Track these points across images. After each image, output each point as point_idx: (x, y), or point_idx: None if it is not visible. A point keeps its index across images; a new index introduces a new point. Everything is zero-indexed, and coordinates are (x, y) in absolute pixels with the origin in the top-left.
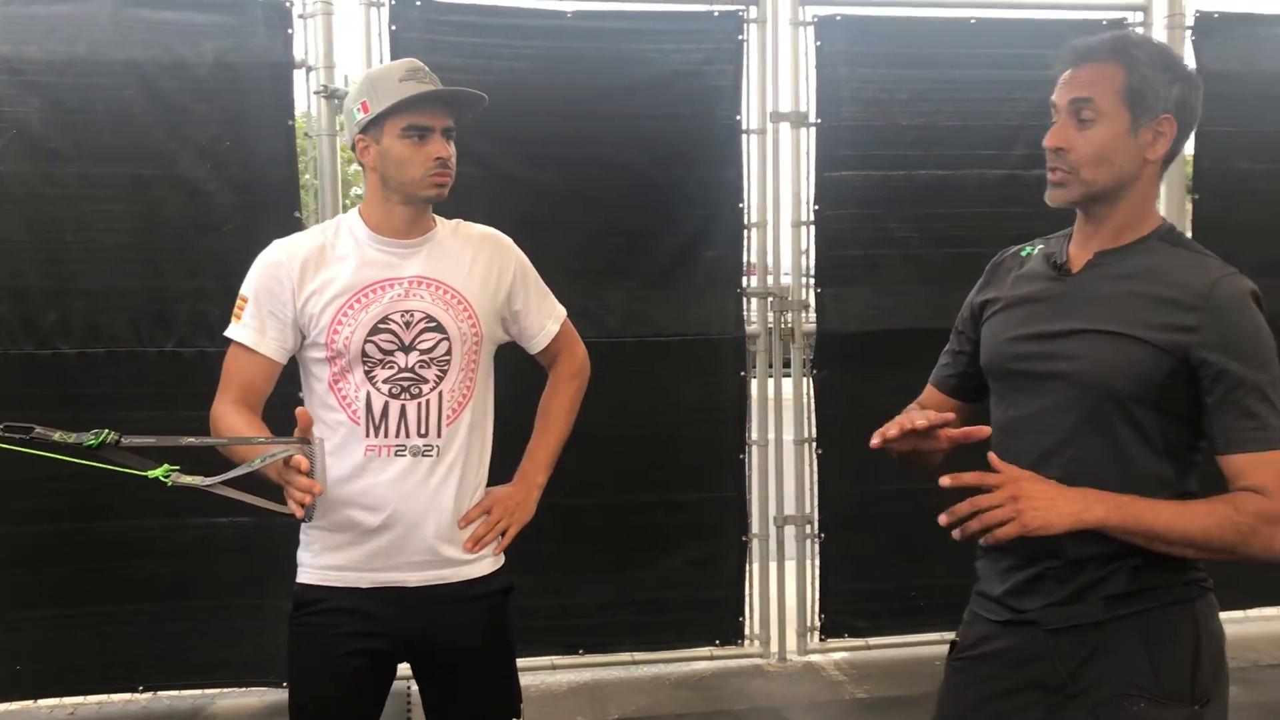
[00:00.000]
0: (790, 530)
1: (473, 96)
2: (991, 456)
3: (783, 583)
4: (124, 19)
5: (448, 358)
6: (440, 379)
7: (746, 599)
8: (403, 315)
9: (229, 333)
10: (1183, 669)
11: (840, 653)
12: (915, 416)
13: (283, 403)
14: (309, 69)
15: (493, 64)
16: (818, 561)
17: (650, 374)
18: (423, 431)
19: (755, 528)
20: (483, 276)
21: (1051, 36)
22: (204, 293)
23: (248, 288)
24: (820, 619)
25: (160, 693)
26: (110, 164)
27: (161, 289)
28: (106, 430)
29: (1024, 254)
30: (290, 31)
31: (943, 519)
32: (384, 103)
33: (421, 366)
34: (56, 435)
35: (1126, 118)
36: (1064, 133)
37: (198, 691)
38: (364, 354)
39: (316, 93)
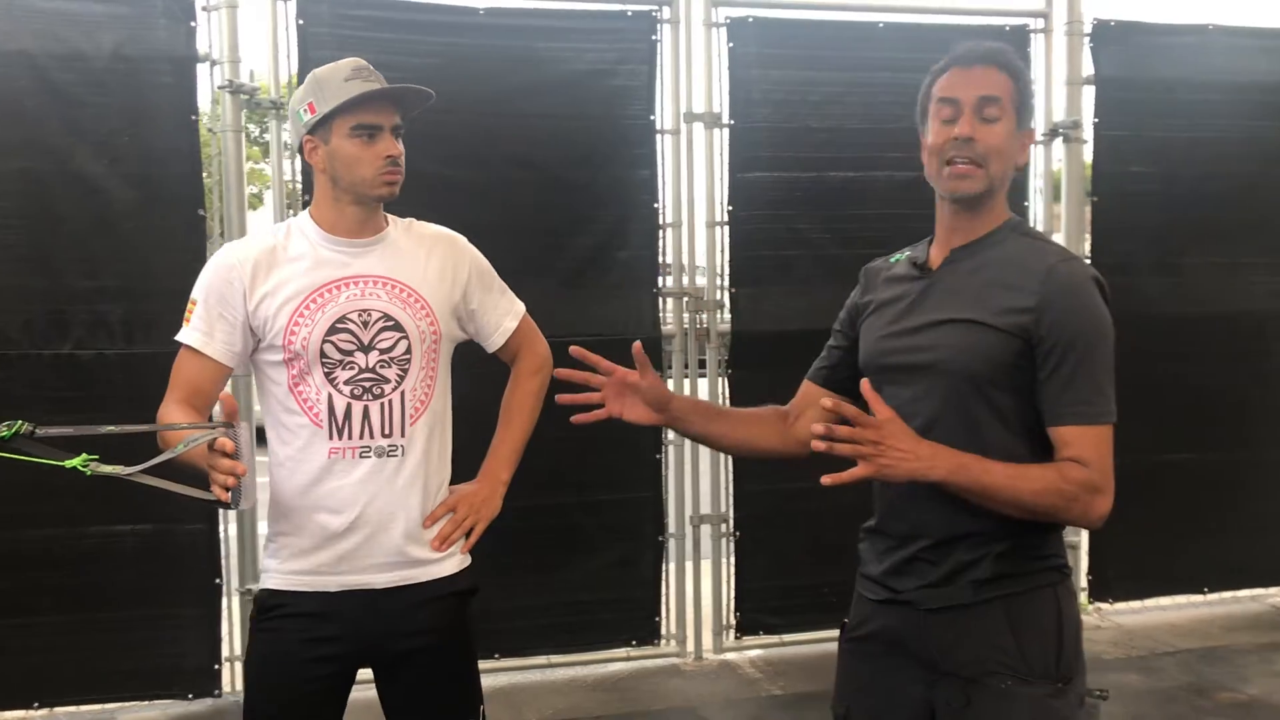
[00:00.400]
0: (706, 529)
1: (420, 93)
2: (865, 386)
3: (699, 582)
4: (16, 8)
5: (408, 357)
6: (401, 378)
7: (663, 599)
8: (360, 314)
9: (178, 336)
10: (1047, 649)
11: (755, 650)
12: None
13: None
14: (213, 63)
15: (404, 61)
16: (733, 560)
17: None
18: (387, 432)
19: (672, 527)
20: (438, 274)
21: (955, 41)
22: (103, 292)
23: (198, 291)
24: (735, 617)
25: (57, 709)
26: (1, 159)
27: (57, 289)
28: (19, 421)
29: (893, 260)
30: (193, 24)
31: (817, 428)
32: (331, 102)
33: (382, 366)
34: None
35: (1014, 121)
36: (970, 124)
37: (98, 706)
38: (323, 354)
39: (221, 88)
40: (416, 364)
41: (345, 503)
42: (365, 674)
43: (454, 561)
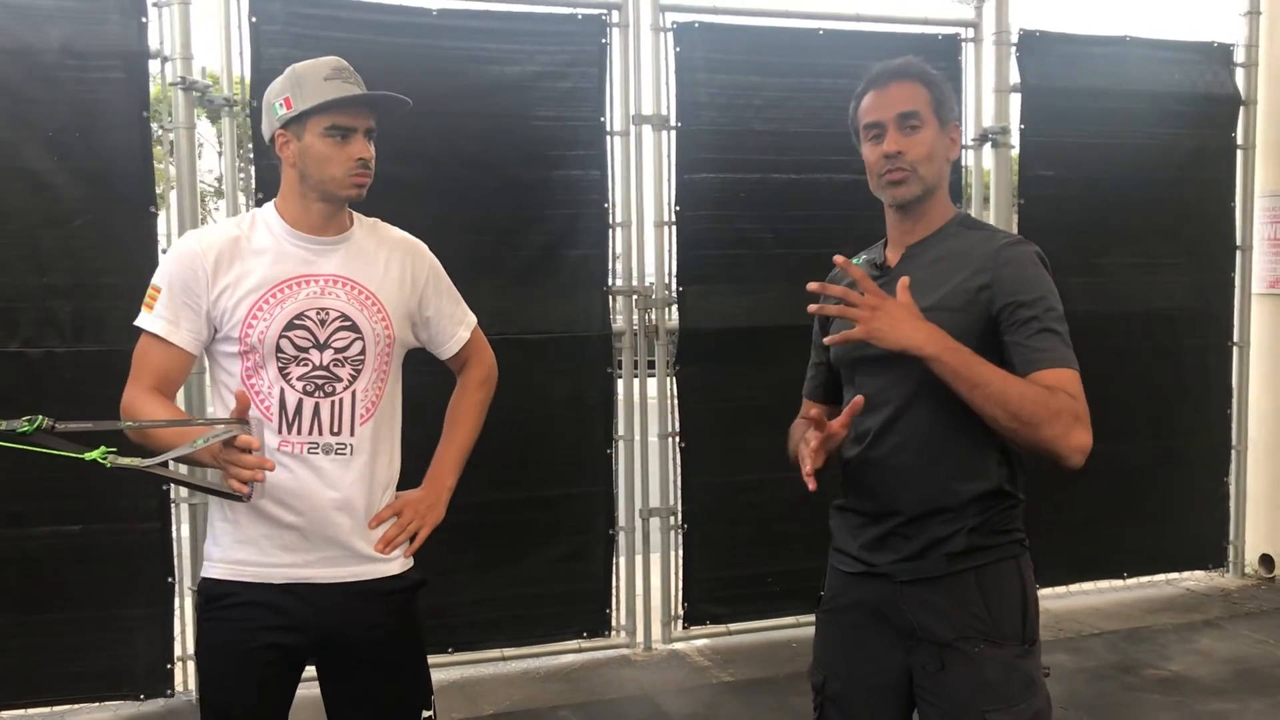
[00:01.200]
0: (655, 523)
1: (397, 100)
2: (848, 265)
3: (648, 574)
4: None
5: (361, 357)
6: (354, 378)
7: (613, 591)
8: (318, 313)
9: (140, 322)
10: (1014, 614)
11: (703, 640)
12: (807, 445)
13: None
14: (164, 59)
15: (356, 60)
16: (681, 553)
17: (518, 372)
18: (335, 430)
19: (622, 521)
20: (397, 280)
21: (892, 48)
22: (53, 289)
23: (160, 278)
24: (684, 608)
25: (5, 712)
26: None
27: (4, 286)
28: (40, 416)
29: (853, 263)
30: (145, 20)
31: (812, 286)
32: (309, 101)
33: (335, 365)
34: None
35: (936, 124)
36: (896, 140)
37: (46, 709)
38: (278, 349)
39: (173, 84)
40: (370, 365)
41: (292, 495)
42: (309, 673)
43: (399, 562)
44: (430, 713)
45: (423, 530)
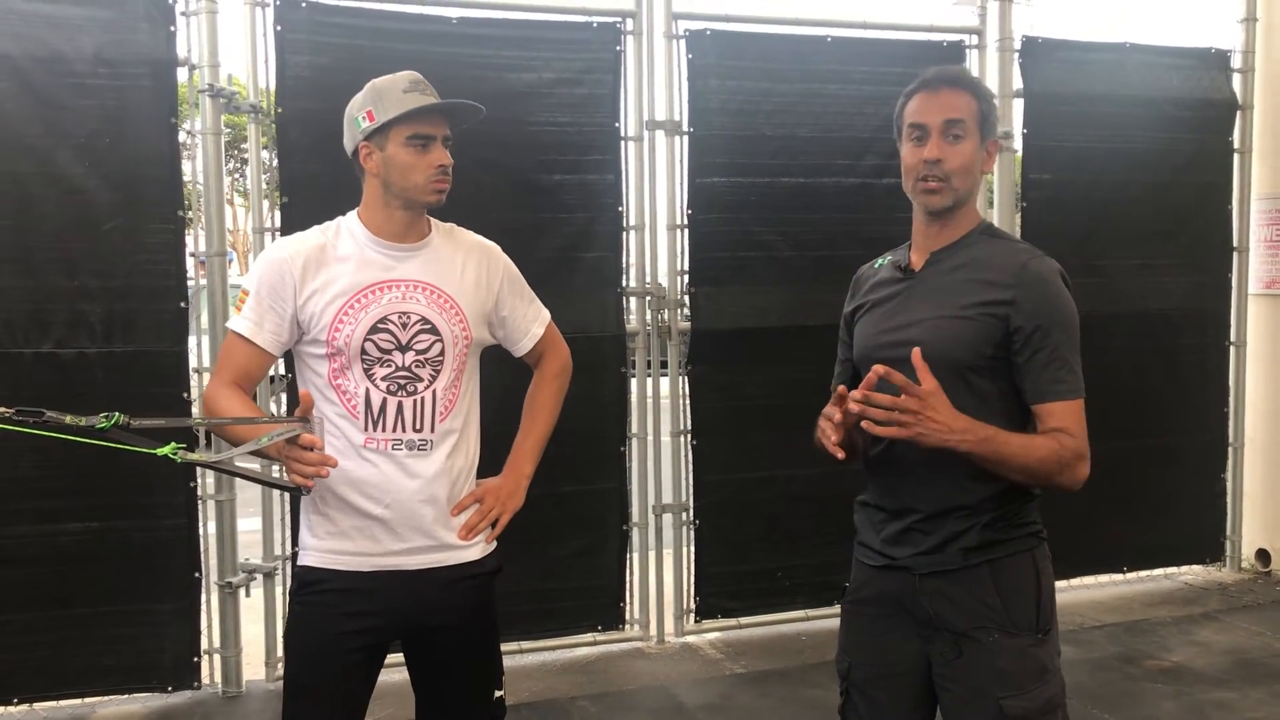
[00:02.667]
0: (668, 519)
1: (472, 108)
2: (916, 355)
3: (660, 569)
4: None
5: (441, 358)
6: (434, 378)
7: (627, 585)
8: (400, 316)
9: (229, 324)
10: (1028, 605)
11: (714, 633)
12: (829, 420)
13: None
14: (192, 67)
15: (377, 67)
16: (693, 548)
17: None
18: (418, 427)
19: (635, 517)
20: (474, 283)
21: (898, 55)
22: (83, 292)
23: (250, 281)
24: (695, 602)
25: (37, 704)
26: None
27: (38, 288)
28: (116, 413)
29: (877, 265)
30: (173, 29)
31: (855, 395)
32: (390, 112)
33: (417, 365)
34: (68, 419)
35: (978, 137)
36: (939, 146)
37: (77, 701)
38: (363, 351)
39: (201, 91)
40: (448, 365)
41: (379, 489)
42: (393, 658)
43: (480, 548)
44: (501, 692)
45: (504, 516)
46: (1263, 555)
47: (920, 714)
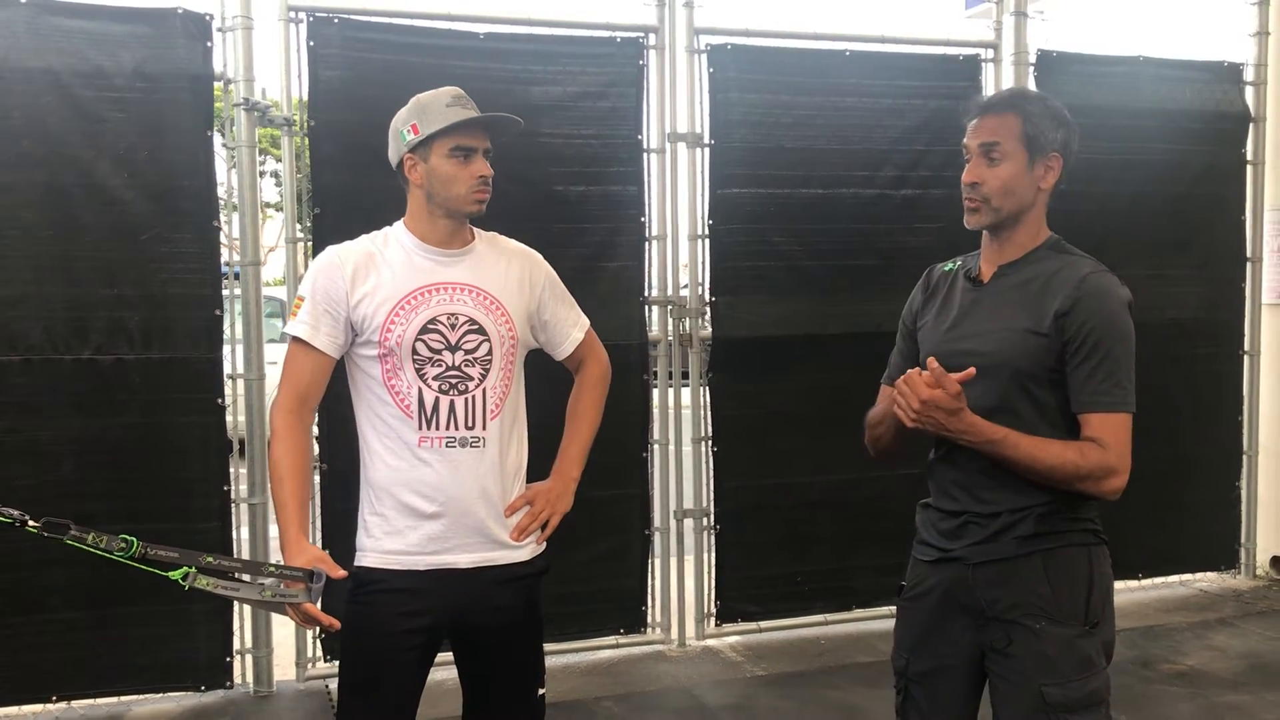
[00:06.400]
0: (689, 524)
1: (511, 121)
2: (943, 376)
3: (682, 573)
4: (41, 27)
5: (489, 358)
6: (484, 377)
7: (649, 589)
8: (449, 318)
9: (287, 329)
10: (1078, 596)
11: (734, 636)
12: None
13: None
14: (228, 81)
15: (408, 82)
16: (714, 552)
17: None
18: (470, 424)
19: (657, 522)
20: (518, 286)
21: (916, 69)
22: (122, 300)
23: (305, 288)
24: (716, 605)
25: (74, 702)
26: (26, 171)
27: (78, 296)
28: (135, 541)
29: (947, 269)
30: (210, 44)
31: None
32: (433, 126)
33: (467, 365)
34: (89, 538)
35: (1025, 156)
36: (977, 170)
37: (114, 699)
38: (414, 352)
39: (237, 105)
40: (497, 364)
41: (434, 488)
42: (442, 656)
43: (530, 549)
44: (544, 690)
45: (554, 519)
46: (1277, 562)
47: (972, 705)
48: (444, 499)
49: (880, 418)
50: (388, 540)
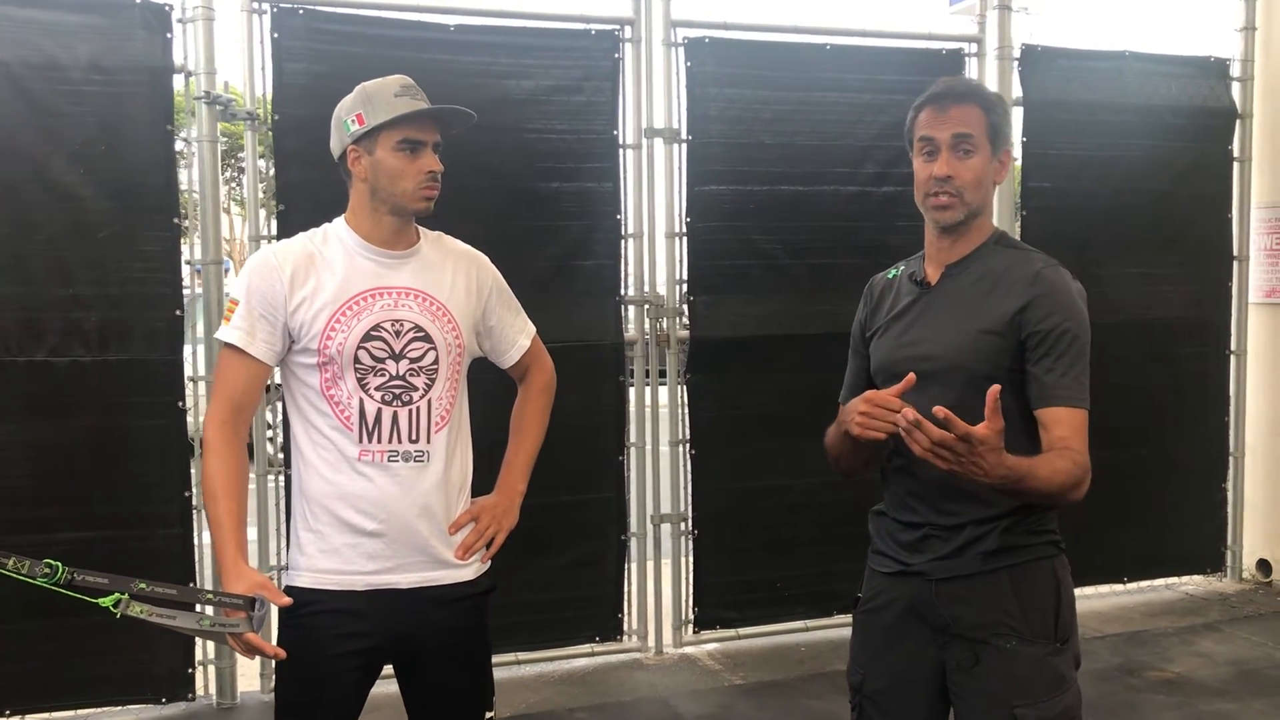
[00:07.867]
0: (666, 528)
1: (462, 114)
2: (951, 418)
3: (659, 579)
4: None
5: (435, 367)
6: (429, 387)
7: (625, 595)
8: (393, 324)
9: (219, 334)
10: (1046, 613)
11: (713, 643)
12: (882, 408)
13: None
14: (189, 74)
15: (374, 74)
16: (691, 557)
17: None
18: (414, 437)
19: (634, 527)
20: (464, 291)
21: (897, 64)
22: (78, 300)
23: (239, 290)
24: (694, 612)
25: (29, 716)
26: None
27: (32, 296)
28: (60, 567)
29: (890, 276)
30: (169, 36)
31: (909, 416)
32: (380, 116)
33: (411, 374)
34: (10, 563)
35: (989, 150)
36: (949, 163)
37: (70, 713)
38: (356, 360)
39: (198, 98)
40: (443, 374)
41: (374, 504)
42: (384, 670)
43: (474, 567)
44: (491, 713)
45: (499, 536)
46: (1264, 565)
47: None
48: (385, 515)
49: (836, 444)
50: (322, 559)
